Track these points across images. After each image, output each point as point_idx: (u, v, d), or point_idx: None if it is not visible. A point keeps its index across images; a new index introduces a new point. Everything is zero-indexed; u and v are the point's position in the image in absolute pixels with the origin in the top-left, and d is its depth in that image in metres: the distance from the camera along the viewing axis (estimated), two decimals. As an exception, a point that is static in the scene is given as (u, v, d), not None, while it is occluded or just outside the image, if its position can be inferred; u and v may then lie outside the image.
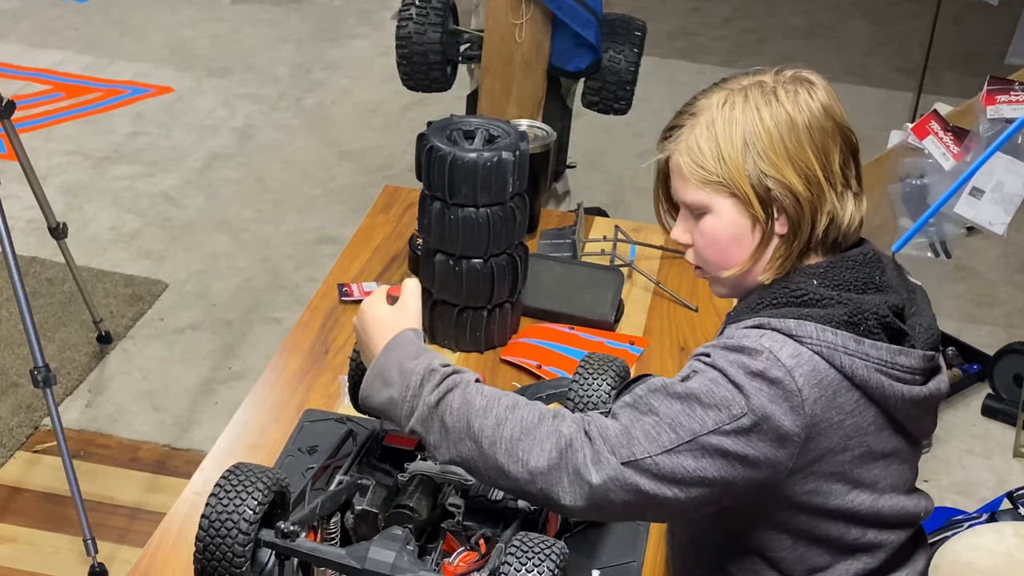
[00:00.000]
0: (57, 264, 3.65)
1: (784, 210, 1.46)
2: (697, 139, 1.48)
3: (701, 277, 1.60)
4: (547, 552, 1.29)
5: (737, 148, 1.45)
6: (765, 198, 1.46)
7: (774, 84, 1.48)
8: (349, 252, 2.41)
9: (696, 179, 1.49)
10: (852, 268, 1.49)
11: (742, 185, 1.46)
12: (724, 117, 1.47)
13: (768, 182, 1.45)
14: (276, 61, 5.31)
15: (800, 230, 1.47)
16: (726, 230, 1.49)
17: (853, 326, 1.42)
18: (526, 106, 2.97)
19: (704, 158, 1.47)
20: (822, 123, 1.46)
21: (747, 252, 1.50)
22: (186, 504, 1.77)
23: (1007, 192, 2.54)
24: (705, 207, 1.50)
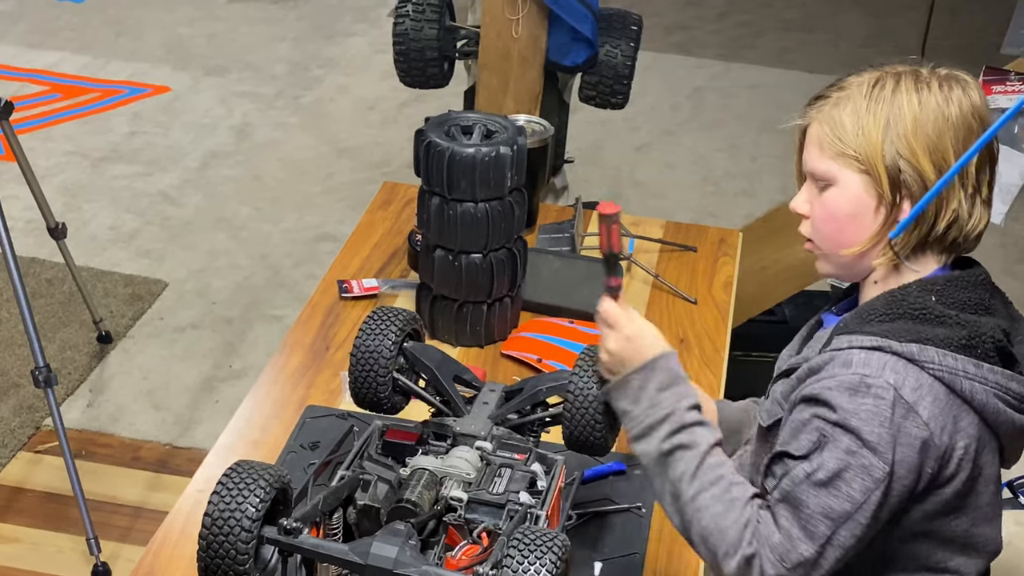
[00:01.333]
0: (57, 264, 3.66)
1: (911, 197, 1.44)
2: (841, 112, 1.47)
3: (810, 250, 1.57)
4: (549, 545, 1.29)
5: (879, 126, 1.44)
6: (896, 180, 1.44)
7: (929, 76, 1.47)
8: (349, 248, 2.41)
9: (831, 150, 1.47)
10: (968, 288, 1.47)
11: (876, 162, 1.44)
12: (873, 95, 1.46)
13: (902, 164, 1.44)
14: (273, 59, 5.31)
15: (923, 220, 1.44)
16: (848, 205, 1.47)
17: (971, 349, 1.40)
18: (523, 101, 2.97)
19: (843, 130, 1.46)
20: (969, 122, 1.45)
21: (865, 233, 1.48)
22: (189, 501, 1.77)
23: (1004, 182, 2.54)
24: (832, 179, 1.48)
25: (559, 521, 1.62)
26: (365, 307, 2.22)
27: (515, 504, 1.48)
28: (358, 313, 2.20)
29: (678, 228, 2.54)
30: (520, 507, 1.48)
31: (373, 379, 1.64)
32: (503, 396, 1.67)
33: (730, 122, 4.97)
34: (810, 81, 5.27)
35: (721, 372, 2.11)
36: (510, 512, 1.47)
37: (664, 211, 4.15)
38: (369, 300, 2.25)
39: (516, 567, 1.27)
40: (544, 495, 1.52)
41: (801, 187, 1.57)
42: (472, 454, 1.56)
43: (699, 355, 2.14)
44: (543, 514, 1.48)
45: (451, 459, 1.55)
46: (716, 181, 4.53)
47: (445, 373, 1.68)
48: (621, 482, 1.82)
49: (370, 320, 1.67)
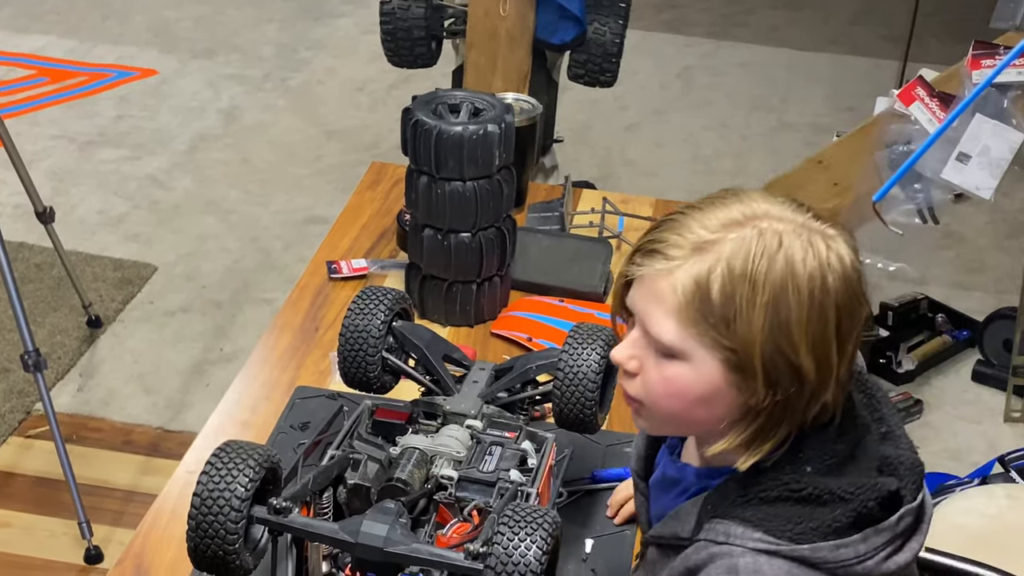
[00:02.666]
0: (45, 249, 3.64)
1: (780, 392, 1.20)
2: (709, 276, 1.18)
3: (635, 410, 1.31)
4: (540, 522, 1.29)
5: (760, 311, 1.17)
6: (769, 376, 1.19)
7: (809, 234, 1.20)
8: (337, 229, 2.40)
9: (691, 323, 1.20)
10: (835, 437, 1.25)
11: (751, 356, 1.18)
12: (752, 264, 1.18)
13: (779, 360, 1.18)
14: (261, 41, 5.29)
15: (788, 416, 1.22)
16: (700, 388, 1.22)
17: (859, 522, 1.20)
18: (512, 80, 2.96)
19: (711, 306, 1.18)
20: (852, 304, 1.20)
21: (712, 418, 1.24)
22: (179, 483, 1.77)
23: (994, 157, 2.54)
24: (684, 355, 1.21)
25: (550, 498, 1.62)
26: (354, 288, 2.21)
27: (506, 482, 1.48)
28: (347, 294, 2.19)
29: (668, 206, 2.53)
30: (511, 485, 1.48)
31: (362, 359, 1.64)
32: (493, 375, 1.67)
33: (720, 101, 4.97)
34: (800, 58, 5.27)
35: (711, 349, 2.10)
36: (501, 490, 1.47)
37: (654, 190, 4.14)
38: (358, 281, 2.24)
39: (507, 544, 1.27)
40: (535, 473, 1.52)
41: (622, 329, 1.32)
42: (462, 433, 1.56)
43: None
44: (534, 491, 1.48)
45: (441, 438, 1.55)
46: (706, 160, 4.52)
47: (434, 352, 1.67)
48: (611, 459, 1.82)
49: (359, 300, 1.67)
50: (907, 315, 3.51)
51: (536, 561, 1.25)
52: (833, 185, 2.82)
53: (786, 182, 2.89)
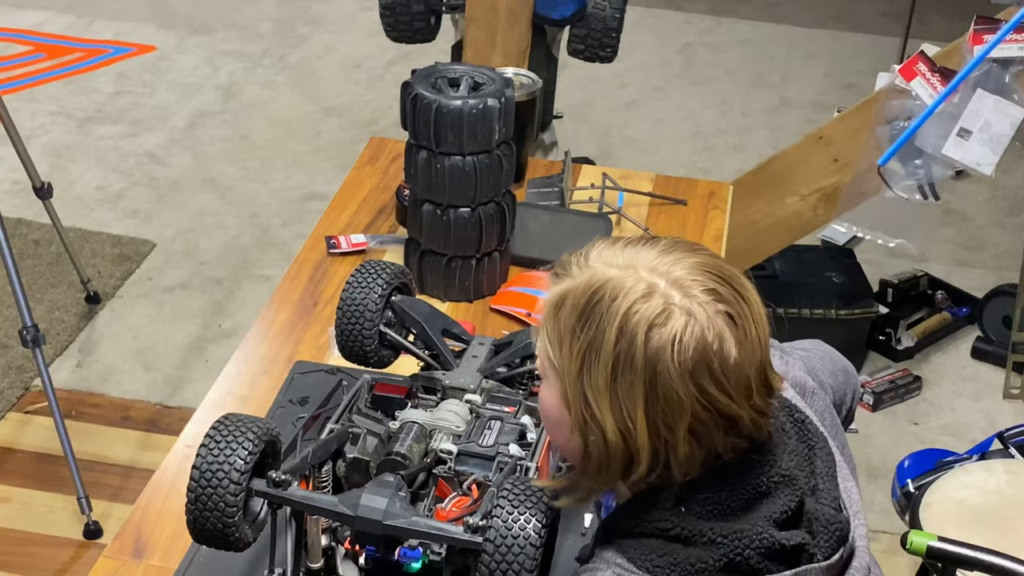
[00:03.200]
0: (43, 225, 3.63)
1: (587, 444, 1.19)
2: (564, 298, 1.20)
3: None
4: (540, 495, 1.29)
5: (579, 349, 1.17)
6: (578, 418, 1.19)
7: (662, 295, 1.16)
8: (336, 204, 2.39)
9: (543, 339, 1.23)
10: (730, 483, 1.20)
11: (567, 389, 1.19)
12: (592, 303, 1.17)
13: (584, 409, 1.18)
14: (259, 17, 5.26)
15: (602, 472, 1.20)
16: (549, 410, 1.25)
17: (735, 568, 1.16)
18: (511, 55, 2.94)
19: (554, 334, 1.20)
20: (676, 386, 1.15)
21: (568, 447, 1.25)
22: (177, 457, 1.77)
23: (995, 133, 2.53)
24: (543, 373, 1.25)
25: (549, 472, 1.61)
26: (353, 263, 2.20)
27: (505, 456, 1.48)
28: (346, 269, 2.19)
29: (668, 181, 2.52)
30: (510, 459, 1.47)
31: (359, 332, 1.63)
32: (492, 350, 1.66)
33: (720, 77, 4.95)
34: (801, 35, 5.25)
35: (711, 325, 2.10)
36: (500, 464, 1.47)
37: (654, 167, 4.12)
38: (357, 256, 2.23)
39: (506, 518, 1.26)
40: (534, 447, 1.52)
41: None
42: (461, 407, 1.56)
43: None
44: (533, 466, 1.48)
45: (440, 412, 1.54)
46: (706, 137, 4.51)
47: (434, 327, 1.67)
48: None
49: (357, 274, 1.66)
50: (907, 292, 3.51)
51: (535, 535, 1.25)
52: (833, 161, 2.82)
53: (786, 158, 2.89)
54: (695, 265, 1.19)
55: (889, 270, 3.56)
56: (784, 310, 3.25)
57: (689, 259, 1.20)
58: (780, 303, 3.25)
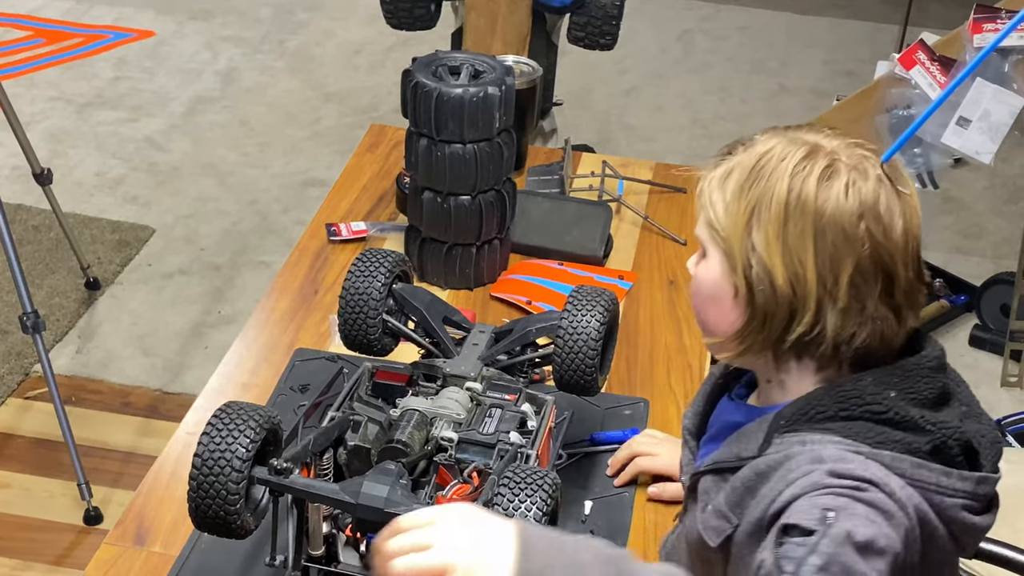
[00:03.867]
0: (43, 211, 3.63)
1: (754, 296, 1.24)
2: (728, 173, 1.27)
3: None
4: (540, 483, 1.30)
5: (747, 206, 1.24)
6: (746, 272, 1.24)
7: (828, 155, 1.23)
8: (336, 192, 2.40)
9: (705, 216, 1.29)
10: (926, 378, 1.25)
11: (734, 248, 1.25)
12: (759, 166, 1.25)
13: (754, 259, 1.23)
14: (259, 3, 5.26)
15: (767, 326, 1.24)
16: (707, 284, 1.29)
17: (939, 454, 1.20)
18: (511, 42, 2.94)
19: (719, 200, 1.27)
20: (846, 227, 1.20)
21: (720, 325, 1.29)
22: (179, 444, 1.77)
23: (994, 121, 2.53)
24: (704, 248, 1.30)
25: (549, 460, 1.62)
26: (354, 250, 2.21)
27: (505, 444, 1.48)
28: (346, 256, 2.19)
29: (667, 170, 2.53)
30: (510, 447, 1.48)
31: (363, 321, 1.64)
32: (493, 337, 1.67)
33: (720, 64, 4.95)
34: (800, 22, 5.25)
35: (710, 313, 2.10)
36: (500, 452, 1.48)
37: (653, 154, 4.12)
38: (357, 243, 2.24)
39: (507, 505, 1.27)
40: (534, 435, 1.53)
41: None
42: (462, 395, 1.56)
43: (688, 296, 2.13)
44: (533, 453, 1.49)
45: (441, 400, 1.55)
46: (705, 124, 4.51)
47: (434, 314, 1.68)
48: (611, 422, 1.82)
49: (359, 262, 1.67)
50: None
51: (536, 522, 1.26)
52: (833, 149, 2.81)
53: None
54: (860, 145, 1.26)
55: (887, 257, 3.57)
56: (783, 298, 3.25)
57: (855, 141, 1.27)
58: (779, 291, 3.26)
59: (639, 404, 1.86)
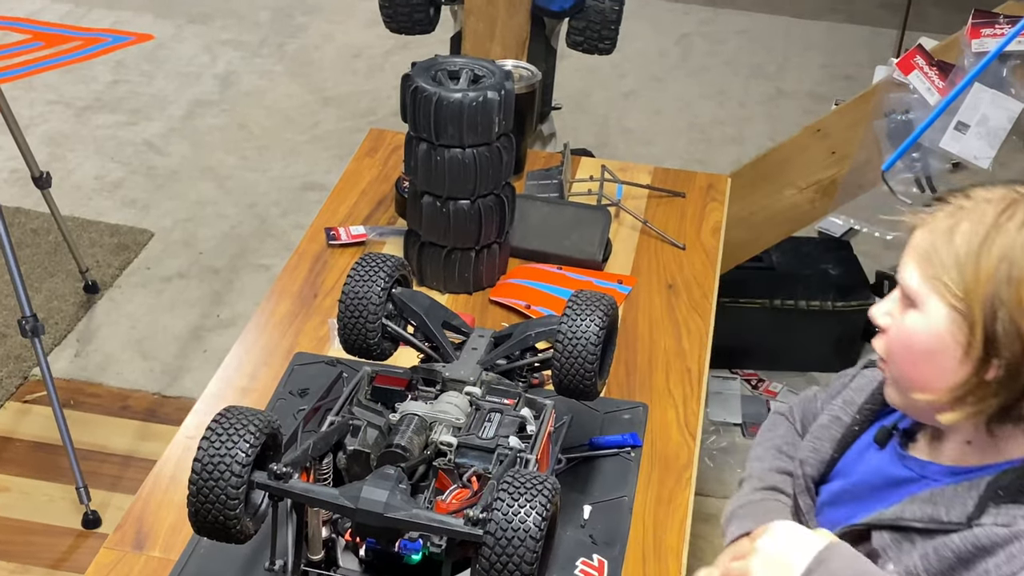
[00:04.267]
0: (42, 214, 3.64)
1: (1003, 358, 1.21)
2: (954, 227, 1.25)
3: (883, 372, 1.36)
4: (539, 488, 1.30)
5: (990, 262, 1.21)
6: (990, 332, 1.21)
7: None
8: (336, 196, 2.40)
9: (928, 268, 1.26)
10: None
11: (972, 304, 1.22)
12: (997, 223, 1.22)
13: (1000, 315, 1.21)
14: (257, 6, 5.26)
15: (1005, 390, 1.22)
16: (927, 339, 1.26)
17: None
18: (510, 47, 2.95)
19: (947, 251, 1.24)
20: None
21: (941, 381, 1.26)
22: (178, 448, 1.77)
23: (992, 126, 2.54)
24: (918, 301, 1.27)
25: (548, 465, 1.63)
26: (353, 254, 2.21)
27: (505, 448, 1.49)
28: (346, 260, 2.19)
29: (666, 174, 2.53)
30: (510, 451, 1.48)
31: (362, 325, 1.64)
32: (492, 342, 1.67)
33: (718, 68, 4.95)
34: (798, 26, 5.25)
35: (709, 318, 2.11)
36: (500, 456, 1.48)
37: (652, 158, 4.13)
38: (357, 247, 2.24)
39: (506, 510, 1.27)
40: (533, 439, 1.53)
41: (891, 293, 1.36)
42: (461, 399, 1.56)
43: (687, 301, 2.14)
44: (533, 458, 1.49)
45: (440, 404, 1.55)
46: (704, 128, 4.51)
47: (434, 319, 1.68)
48: (610, 426, 1.83)
49: (358, 266, 1.67)
50: (903, 284, 3.52)
51: (535, 527, 1.26)
52: (831, 154, 2.82)
53: (784, 151, 2.89)
54: None
55: (885, 262, 3.57)
56: (781, 301, 3.27)
57: None
58: (777, 295, 3.27)
59: (638, 408, 1.87)
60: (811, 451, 1.47)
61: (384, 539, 1.37)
